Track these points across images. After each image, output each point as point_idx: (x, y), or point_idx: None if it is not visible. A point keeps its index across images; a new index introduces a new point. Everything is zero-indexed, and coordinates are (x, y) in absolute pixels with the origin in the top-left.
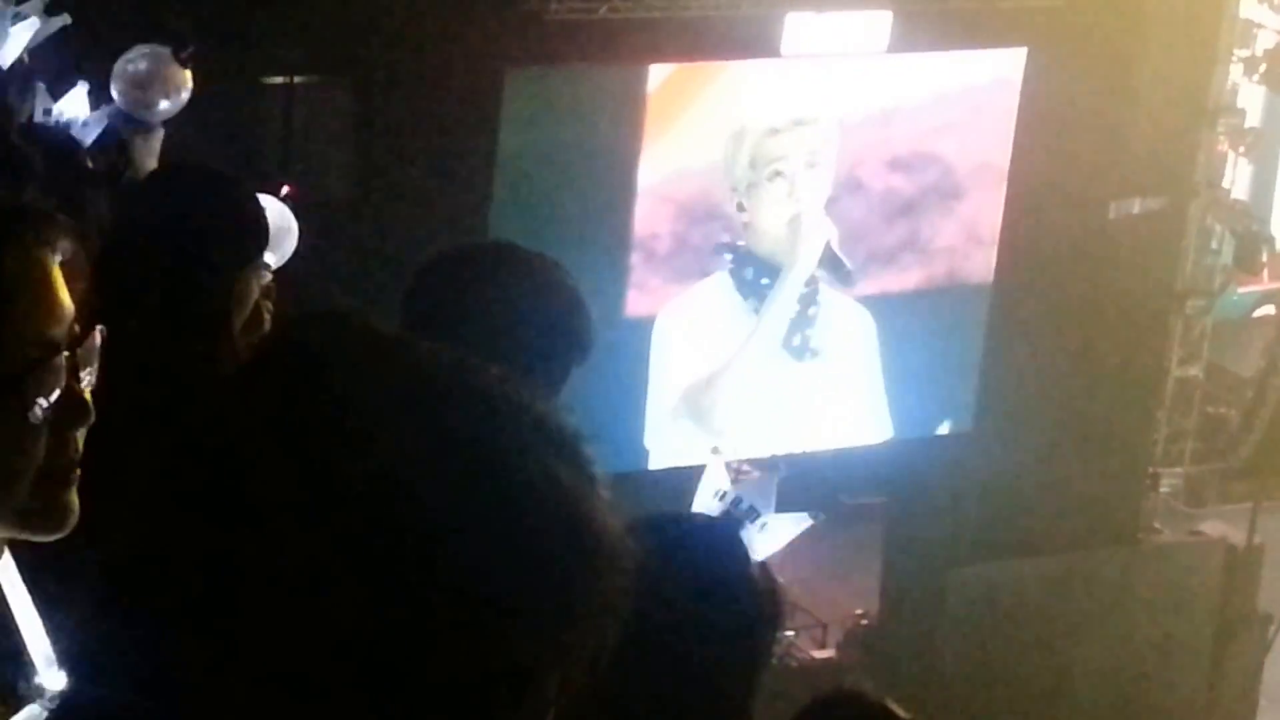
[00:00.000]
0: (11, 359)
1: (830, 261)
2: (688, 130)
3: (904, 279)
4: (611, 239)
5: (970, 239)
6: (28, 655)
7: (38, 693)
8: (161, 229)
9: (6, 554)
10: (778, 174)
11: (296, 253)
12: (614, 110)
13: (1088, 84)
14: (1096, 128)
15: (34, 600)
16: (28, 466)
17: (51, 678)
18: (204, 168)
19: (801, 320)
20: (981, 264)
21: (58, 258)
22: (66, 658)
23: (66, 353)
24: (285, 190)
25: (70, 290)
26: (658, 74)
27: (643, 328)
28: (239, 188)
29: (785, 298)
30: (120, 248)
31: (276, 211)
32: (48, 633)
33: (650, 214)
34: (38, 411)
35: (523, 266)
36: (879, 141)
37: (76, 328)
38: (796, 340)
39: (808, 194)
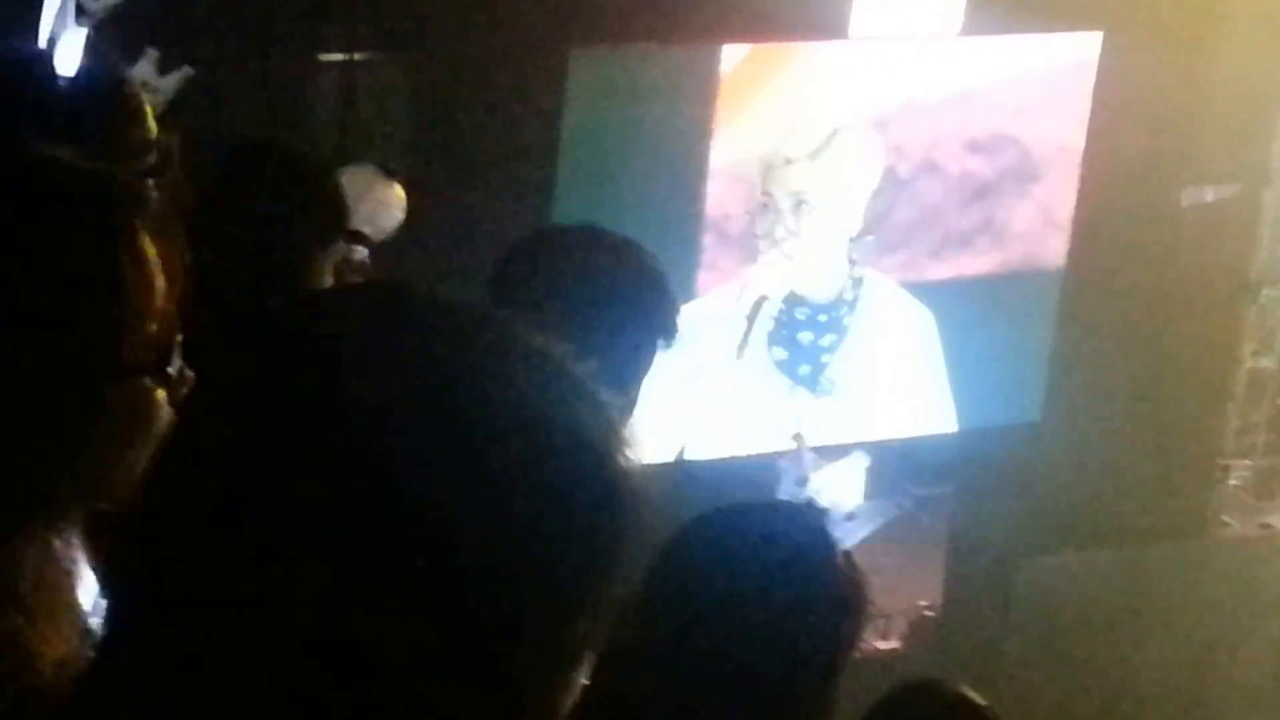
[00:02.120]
0: (151, 342)
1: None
2: (761, 111)
3: (978, 263)
4: (682, 220)
5: (1044, 224)
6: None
7: None
8: (241, 208)
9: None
10: (764, 206)
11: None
12: (682, 91)
13: (1163, 69)
14: (1170, 113)
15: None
16: (150, 447)
17: None
18: (286, 147)
19: (814, 349)
20: (1054, 250)
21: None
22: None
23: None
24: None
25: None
26: (731, 55)
27: None
28: (320, 169)
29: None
30: (198, 224)
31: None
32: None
33: (723, 195)
34: (161, 397)
35: (609, 250)
36: (953, 124)
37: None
38: (805, 370)
39: (786, 237)
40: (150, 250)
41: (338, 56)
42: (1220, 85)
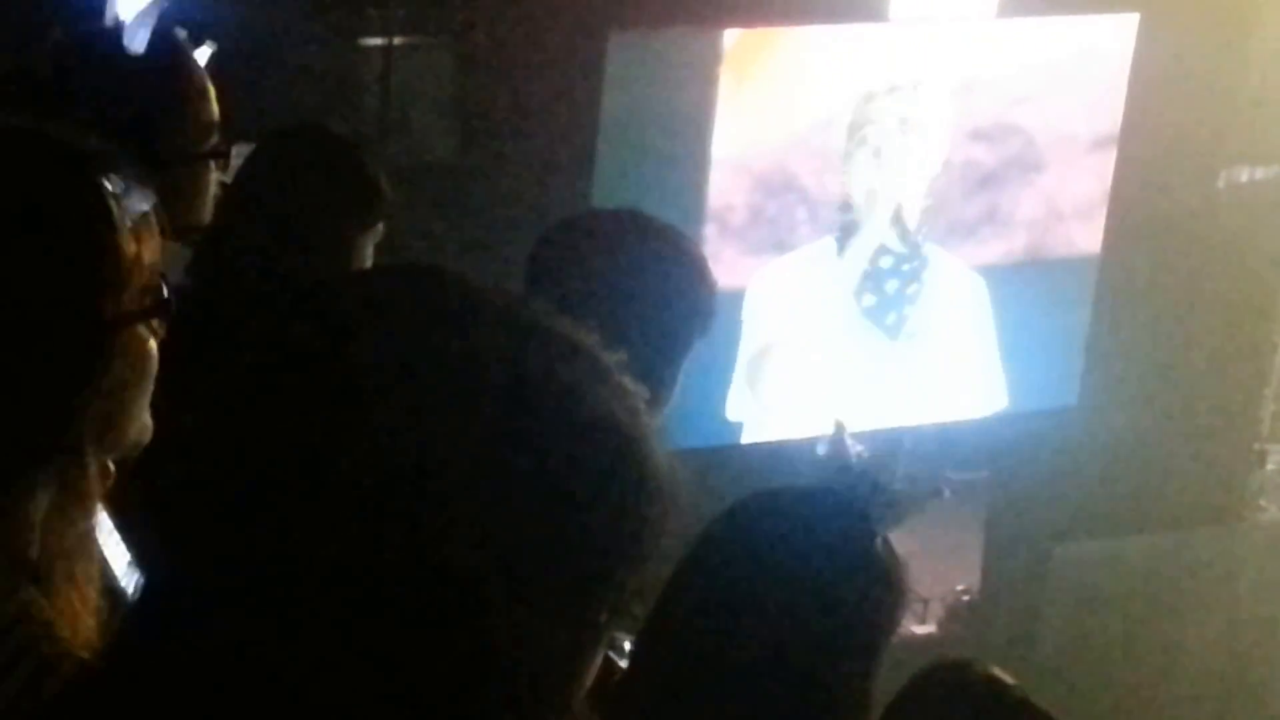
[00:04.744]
0: (132, 294)
1: (898, 229)
2: (769, 97)
3: (1014, 247)
4: (692, 207)
5: (1079, 208)
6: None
7: None
8: (279, 190)
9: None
10: (864, 140)
11: (397, 219)
12: (719, 74)
13: (1199, 51)
14: (1207, 96)
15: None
16: (148, 394)
17: None
18: (324, 130)
19: (899, 298)
20: (1090, 234)
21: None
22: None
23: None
24: None
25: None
26: (732, 37)
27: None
28: (359, 151)
29: (849, 266)
30: (236, 207)
31: None
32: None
33: (729, 184)
34: (154, 344)
35: (648, 234)
36: (984, 109)
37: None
38: (891, 319)
39: (896, 160)
40: (130, 210)
41: (377, 41)
42: (1257, 67)
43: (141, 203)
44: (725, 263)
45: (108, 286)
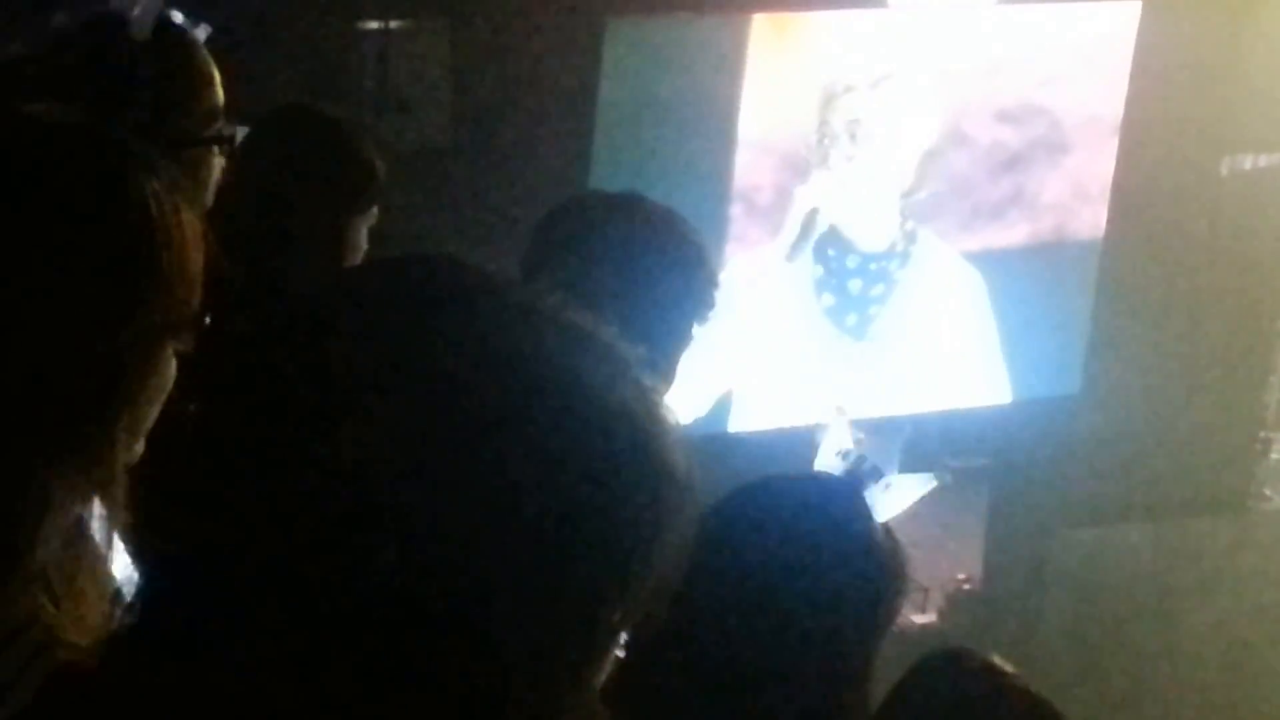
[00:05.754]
0: (178, 304)
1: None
2: (788, 80)
3: (1011, 234)
4: (713, 190)
5: (1079, 195)
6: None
7: None
8: (274, 173)
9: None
10: (819, 140)
11: (392, 203)
12: (716, 61)
13: (1203, 37)
14: (1210, 82)
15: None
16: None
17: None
18: (319, 112)
19: (864, 299)
20: (1091, 221)
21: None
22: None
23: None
24: None
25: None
26: (758, 23)
27: None
28: (354, 134)
29: (802, 267)
30: (230, 190)
31: None
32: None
33: (751, 165)
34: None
35: (648, 219)
36: (987, 95)
37: None
38: (852, 320)
39: (840, 162)
40: (178, 211)
41: (374, 24)
42: (1259, 54)
43: (192, 216)
44: (752, 242)
45: (159, 298)
